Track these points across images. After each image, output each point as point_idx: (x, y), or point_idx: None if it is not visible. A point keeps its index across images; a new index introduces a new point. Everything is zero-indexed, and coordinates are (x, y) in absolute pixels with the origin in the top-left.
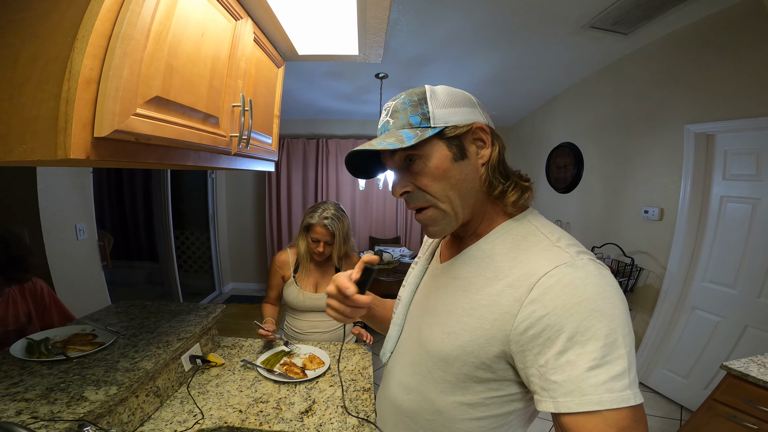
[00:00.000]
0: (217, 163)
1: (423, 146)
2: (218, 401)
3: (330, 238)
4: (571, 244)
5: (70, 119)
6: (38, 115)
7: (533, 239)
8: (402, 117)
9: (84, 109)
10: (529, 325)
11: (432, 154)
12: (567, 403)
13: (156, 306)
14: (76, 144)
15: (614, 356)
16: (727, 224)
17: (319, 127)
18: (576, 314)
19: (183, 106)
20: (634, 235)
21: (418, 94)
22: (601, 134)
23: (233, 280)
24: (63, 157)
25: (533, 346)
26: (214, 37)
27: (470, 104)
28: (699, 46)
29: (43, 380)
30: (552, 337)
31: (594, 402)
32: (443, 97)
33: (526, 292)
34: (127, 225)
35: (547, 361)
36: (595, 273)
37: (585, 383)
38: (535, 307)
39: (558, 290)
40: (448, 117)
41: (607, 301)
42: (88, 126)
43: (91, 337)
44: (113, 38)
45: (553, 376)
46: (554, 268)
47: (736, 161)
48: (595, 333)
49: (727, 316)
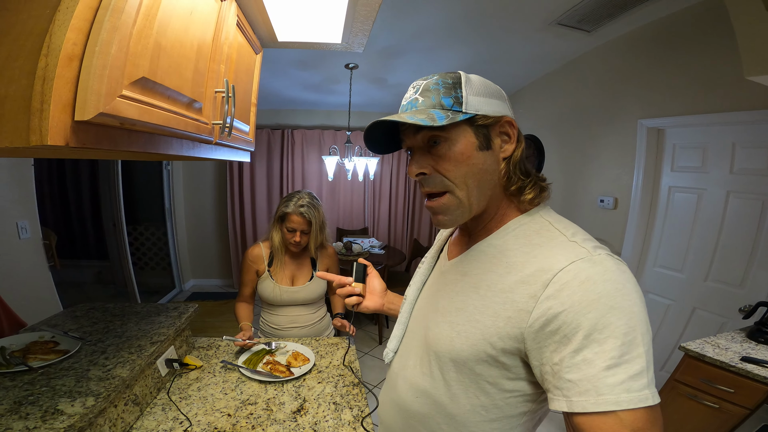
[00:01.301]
0: (198, 153)
1: (451, 129)
2: (203, 406)
3: (306, 226)
4: (587, 239)
5: (47, 99)
6: (6, 95)
7: (547, 234)
8: (434, 97)
9: (64, 88)
10: (546, 322)
11: (458, 139)
12: (582, 402)
13: (119, 308)
14: (54, 128)
15: (633, 355)
16: (675, 213)
17: (284, 117)
18: (594, 311)
19: (169, 89)
20: (591, 223)
21: (452, 77)
22: (561, 127)
23: (194, 277)
24: (38, 143)
25: (549, 343)
26: (202, 16)
27: (501, 98)
28: (654, 44)
29: (8, 393)
30: (569, 334)
31: (611, 402)
32: (477, 86)
33: (542, 288)
34: (72, 221)
35: (562, 359)
36: (613, 269)
37: (602, 383)
38: (552, 304)
39: (575, 286)
40: (480, 105)
41: (626, 297)
42: (68, 108)
43: (52, 344)
44: (101, 9)
45: (568, 375)
46: (571, 263)
47: (684, 154)
48: (614, 331)
49: (676, 299)
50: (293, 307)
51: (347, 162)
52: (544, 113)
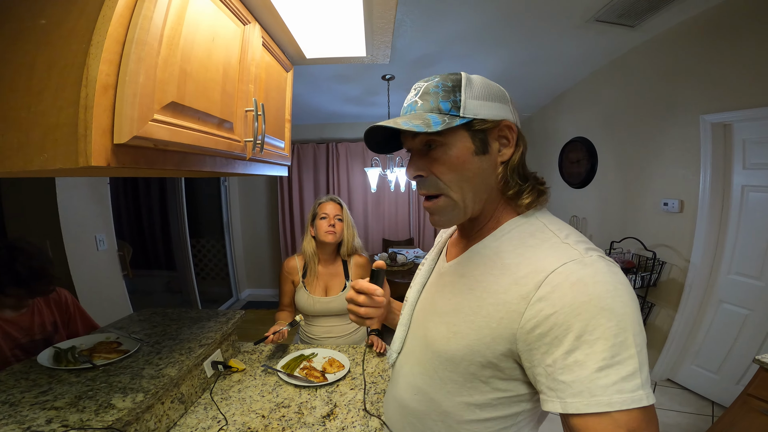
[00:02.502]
0: (233, 169)
1: (447, 134)
2: (241, 407)
3: (339, 211)
4: (580, 241)
5: (89, 126)
6: (58, 123)
7: (541, 236)
8: (432, 101)
9: (102, 115)
10: (537, 323)
11: (454, 144)
12: (575, 404)
13: (177, 313)
14: (96, 151)
15: (624, 356)
16: (750, 214)
17: (328, 131)
18: (584, 313)
19: (198, 112)
20: (655, 229)
21: (453, 80)
22: (613, 127)
23: (250, 287)
24: (84, 164)
25: (540, 345)
26: (225, 41)
27: (503, 100)
28: (709, 35)
29: (72, 388)
30: (559, 336)
31: (604, 403)
32: (478, 88)
33: (534, 289)
34: (145, 234)
35: (555, 360)
36: (604, 270)
37: (594, 384)
38: (543, 305)
39: (566, 288)
40: (478, 109)
41: (617, 299)
42: (107, 133)
43: (115, 344)
44: (127, 43)
45: (561, 376)
46: (562, 265)
47: (756, 150)
48: (604, 332)
49: (755, 309)
50: (327, 318)
51: (389, 173)
52: (593, 114)
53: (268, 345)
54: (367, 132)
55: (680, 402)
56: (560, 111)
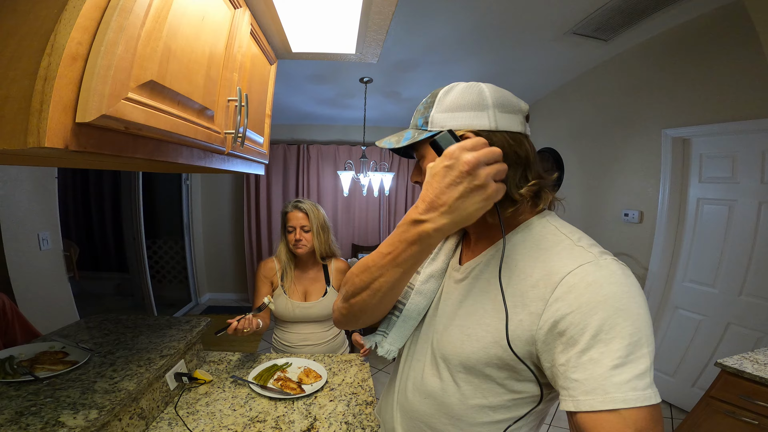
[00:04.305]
0: (210, 163)
1: (420, 147)
2: (210, 422)
3: (306, 221)
4: (593, 244)
5: (47, 99)
6: (8, 96)
7: (553, 239)
8: (415, 117)
9: (65, 88)
10: (554, 323)
11: (427, 156)
12: (589, 401)
13: (132, 320)
14: (52, 129)
15: (638, 354)
16: (704, 225)
17: (300, 132)
18: (600, 312)
19: (178, 95)
20: (616, 238)
21: (432, 95)
22: (580, 139)
23: (210, 291)
24: (35, 145)
25: (558, 344)
26: (214, 23)
27: (478, 108)
28: (675, 51)
29: (11, 403)
30: (575, 335)
31: (619, 400)
32: (449, 101)
33: (551, 291)
34: (94, 233)
35: (569, 359)
36: (619, 272)
37: (609, 381)
38: (559, 306)
39: (582, 288)
40: (444, 121)
41: (632, 300)
42: (69, 109)
43: (61, 355)
44: (109, 9)
45: (574, 374)
46: (578, 267)
47: (712, 164)
48: (621, 331)
49: (709, 315)
50: (305, 324)
51: (362, 177)
52: (563, 125)
53: (236, 354)
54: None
55: None
56: (531, 121)
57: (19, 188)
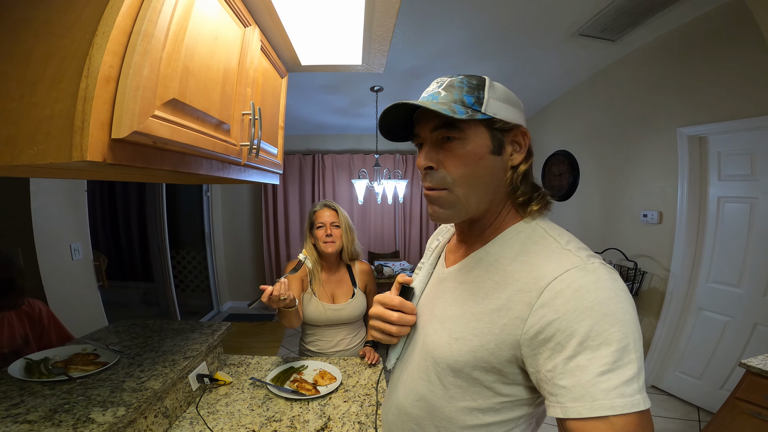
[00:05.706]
0: (228, 174)
1: (466, 129)
2: (229, 421)
3: (335, 218)
4: (581, 248)
5: (87, 118)
6: (52, 115)
7: (542, 242)
8: (456, 93)
9: (102, 108)
10: (540, 329)
11: (472, 139)
12: (577, 408)
13: (158, 324)
14: (93, 145)
15: (625, 361)
16: (726, 224)
17: (314, 142)
18: (587, 318)
19: (197, 111)
20: (635, 239)
21: (477, 79)
22: (594, 141)
23: (231, 299)
24: (79, 159)
25: (544, 350)
26: (226, 42)
27: (519, 108)
28: (686, 49)
29: (46, 401)
30: (562, 341)
31: (606, 407)
32: (500, 92)
33: (537, 296)
34: (121, 244)
35: (556, 365)
36: (606, 277)
37: (596, 388)
38: (546, 311)
39: (569, 294)
40: (499, 110)
41: (619, 305)
42: (105, 126)
43: (93, 356)
44: (134, 35)
45: (561, 381)
46: (565, 271)
47: (731, 162)
48: (608, 337)
49: (735, 316)
50: (336, 330)
51: (376, 185)
52: (575, 127)
53: (255, 358)
54: (385, 112)
55: (666, 408)
56: (543, 124)
57: (52, 201)
